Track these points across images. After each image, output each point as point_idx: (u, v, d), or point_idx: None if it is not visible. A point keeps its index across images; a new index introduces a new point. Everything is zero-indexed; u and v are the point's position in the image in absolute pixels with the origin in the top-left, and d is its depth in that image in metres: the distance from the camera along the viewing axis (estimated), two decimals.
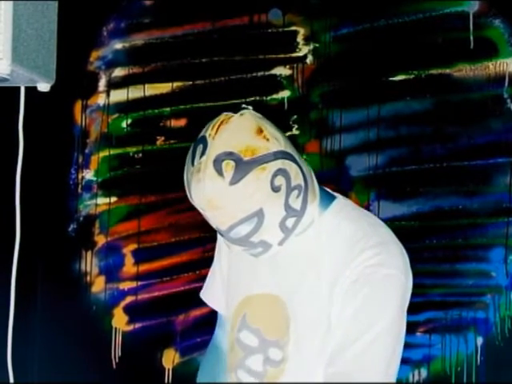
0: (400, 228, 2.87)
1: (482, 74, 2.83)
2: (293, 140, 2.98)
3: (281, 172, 1.53)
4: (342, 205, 1.70)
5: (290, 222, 1.58)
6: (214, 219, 1.56)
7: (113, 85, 3.11)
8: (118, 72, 3.11)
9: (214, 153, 1.51)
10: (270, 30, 2.99)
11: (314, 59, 2.96)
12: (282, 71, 2.98)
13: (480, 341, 2.82)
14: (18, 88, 2.32)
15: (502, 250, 2.81)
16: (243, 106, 1.61)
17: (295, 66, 2.97)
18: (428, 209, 2.87)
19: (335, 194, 1.73)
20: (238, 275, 1.78)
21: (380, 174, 2.90)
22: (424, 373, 2.86)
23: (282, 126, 3.03)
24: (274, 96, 2.98)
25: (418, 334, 2.87)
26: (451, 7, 2.85)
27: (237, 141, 1.52)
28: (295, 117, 2.96)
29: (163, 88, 3.07)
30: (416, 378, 2.86)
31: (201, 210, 1.57)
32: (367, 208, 2.89)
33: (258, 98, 2.97)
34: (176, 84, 3.06)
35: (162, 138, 3.07)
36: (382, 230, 1.70)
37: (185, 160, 1.60)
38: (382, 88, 2.90)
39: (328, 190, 1.72)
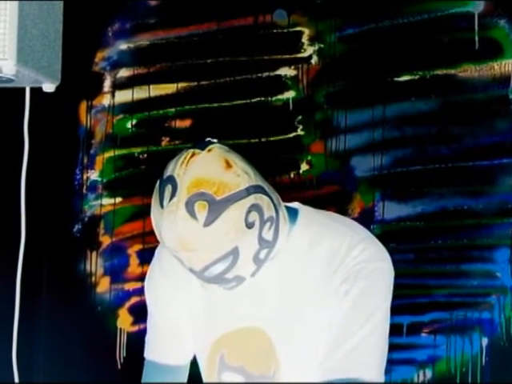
0: (405, 228, 2.87)
1: (487, 74, 2.82)
2: (298, 141, 3.00)
3: (254, 207, 1.49)
4: (307, 215, 1.66)
5: (262, 254, 1.55)
6: (188, 261, 1.52)
7: (118, 85, 3.11)
8: (123, 73, 3.11)
9: (186, 194, 1.45)
10: (274, 31, 2.99)
11: (318, 60, 2.96)
12: (286, 72, 2.98)
13: (485, 341, 2.82)
14: (24, 89, 2.32)
15: (507, 251, 2.80)
16: (208, 139, 1.54)
17: (300, 66, 2.97)
18: (433, 209, 2.86)
19: (293, 204, 1.68)
20: (207, 316, 1.70)
21: (385, 175, 2.90)
22: (429, 373, 2.86)
23: (287, 126, 3.05)
24: (279, 96, 2.98)
25: (423, 334, 2.86)
26: (456, 8, 2.85)
27: (207, 180, 1.46)
28: (300, 117, 2.96)
29: (168, 88, 3.08)
30: (421, 378, 2.86)
31: (172, 252, 1.53)
32: (372, 208, 2.89)
33: (262, 99, 2.97)
34: (181, 84, 3.06)
35: (167, 139, 3.08)
36: (357, 227, 1.66)
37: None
38: (386, 88, 2.90)
39: (288, 204, 1.67)
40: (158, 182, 1.56)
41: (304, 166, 2.95)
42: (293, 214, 1.64)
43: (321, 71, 2.96)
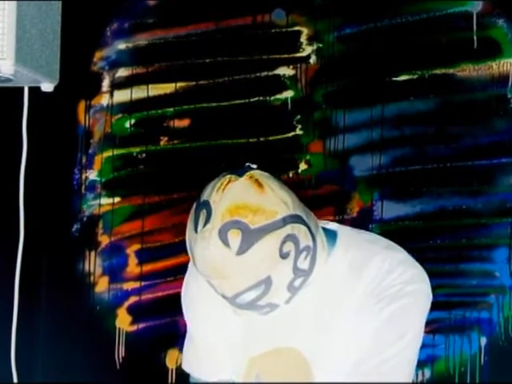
0: (404, 228, 2.87)
1: (485, 73, 2.82)
2: (296, 140, 3.00)
3: (290, 238, 1.46)
4: (346, 237, 1.64)
5: (297, 282, 1.52)
6: (220, 287, 1.50)
7: (116, 85, 3.11)
8: (122, 72, 3.11)
9: (220, 221, 1.43)
10: (273, 30, 2.99)
11: (317, 59, 2.96)
12: (285, 71, 2.98)
13: (484, 341, 2.82)
14: (22, 88, 2.33)
15: (505, 250, 2.80)
16: (247, 164, 1.52)
17: (299, 66, 2.97)
18: (432, 209, 2.86)
19: (332, 226, 1.66)
20: (243, 337, 1.68)
21: (384, 174, 2.90)
22: (428, 373, 2.86)
23: (286, 126, 3.05)
24: (278, 96, 2.98)
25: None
26: (455, 7, 2.85)
27: (243, 207, 1.43)
28: (299, 117, 2.96)
29: (167, 88, 3.07)
30: (420, 378, 2.86)
31: (205, 277, 1.52)
32: (371, 208, 2.89)
33: (261, 98, 2.97)
34: (179, 84, 3.06)
35: (166, 139, 3.07)
36: (395, 248, 1.64)
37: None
38: (385, 88, 2.90)
39: (326, 226, 1.66)
40: (194, 205, 1.52)
41: (303, 166, 2.95)
42: (332, 236, 1.62)
43: (319, 71, 2.96)
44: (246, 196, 1.45)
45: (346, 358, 1.57)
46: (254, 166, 1.53)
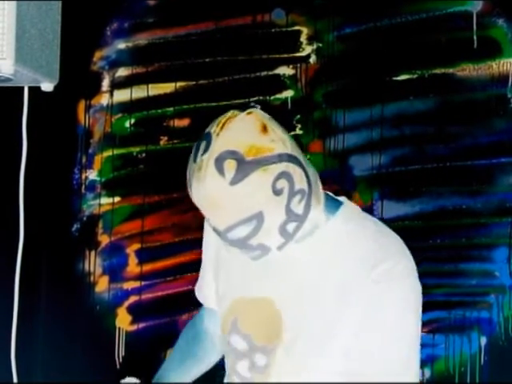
0: (403, 228, 2.87)
1: (485, 73, 2.82)
2: (296, 140, 2.99)
3: (284, 175, 1.50)
4: (351, 210, 1.66)
5: (290, 227, 1.54)
6: (213, 218, 1.54)
7: (116, 85, 3.11)
8: (122, 72, 3.11)
9: (217, 151, 1.48)
10: (273, 30, 2.99)
11: (317, 59, 2.96)
12: (285, 71, 2.98)
13: (484, 341, 2.82)
14: (22, 88, 2.32)
15: (505, 250, 2.80)
16: (252, 104, 1.59)
17: (298, 65, 2.97)
18: (431, 208, 2.86)
19: (340, 198, 1.69)
20: (229, 274, 1.74)
21: (383, 174, 2.90)
22: (428, 373, 2.86)
23: (286, 125, 3.03)
24: (278, 96, 2.98)
25: (422, 333, 2.86)
26: (454, 7, 2.85)
27: (241, 140, 1.49)
28: (298, 116, 2.96)
29: (166, 88, 3.07)
30: (420, 377, 2.86)
31: (200, 208, 1.55)
32: (370, 208, 2.89)
33: (261, 98, 2.97)
34: (179, 84, 3.06)
35: (166, 138, 3.08)
36: (393, 238, 1.66)
37: (188, 160, 1.58)
38: (385, 88, 2.90)
39: (333, 195, 1.69)
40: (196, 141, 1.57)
41: None
42: (336, 205, 1.65)
43: (319, 70, 2.96)
44: (245, 129, 1.51)
45: (324, 332, 1.58)
46: (258, 106, 1.58)
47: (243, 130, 1.51)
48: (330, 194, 1.69)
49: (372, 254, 1.57)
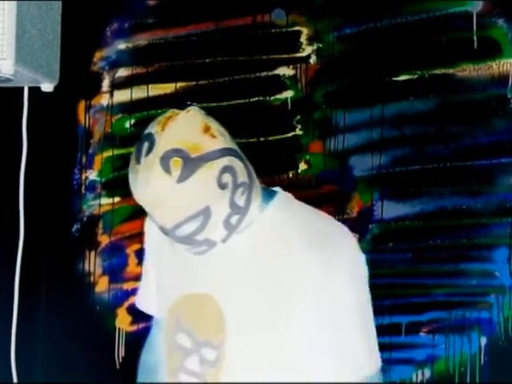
0: (404, 228, 2.87)
1: (485, 73, 2.82)
2: (296, 140, 3.00)
3: (228, 169, 1.54)
4: (284, 199, 1.69)
5: (234, 219, 1.57)
6: (160, 217, 1.56)
7: (116, 85, 3.11)
8: (122, 72, 3.11)
9: (162, 150, 1.51)
10: (273, 30, 2.99)
11: (317, 59, 2.96)
12: (285, 71, 2.98)
13: (484, 341, 2.82)
14: (22, 88, 2.32)
15: (505, 250, 2.80)
16: (189, 103, 1.62)
17: (299, 66, 2.97)
18: (432, 209, 2.86)
19: (275, 188, 1.72)
20: (171, 274, 1.75)
21: (383, 174, 2.90)
22: (427, 373, 2.86)
23: (286, 126, 3.05)
24: (278, 96, 2.98)
25: (422, 334, 2.86)
26: (455, 7, 2.85)
27: (184, 138, 1.52)
28: (299, 117, 2.96)
29: (167, 88, 3.08)
30: (420, 378, 2.86)
31: (146, 208, 1.57)
32: (371, 208, 2.89)
33: (261, 98, 2.97)
34: (179, 84, 3.06)
35: None
36: (327, 219, 1.69)
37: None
38: (385, 88, 2.90)
39: (265, 186, 1.71)
40: (136, 142, 1.61)
41: (302, 166, 2.95)
42: (270, 194, 1.67)
43: (319, 71, 2.96)
44: (186, 128, 1.54)
45: (269, 319, 1.60)
46: (194, 104, 1.63)
47: (185, 129, 1.54)
48: (263, 185, 1.70)
49: (309, 239, 1.59)
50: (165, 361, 1.77)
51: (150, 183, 1.52)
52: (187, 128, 1.54)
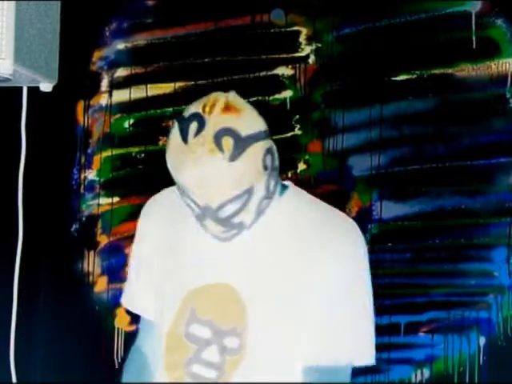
0: (402, 228, 2.87)
1: (484, 73, 2.82)
2: (295, 140, 3.00)
3: (269, 151, 1.59)
4: (297, 191, 1.73)
5: (264, 204, 1.61)
6: (207, 196, 1.56)
7: (115, 85, 3.11)
8: (121, 72, 3.11)
9: (213, 129, 1.53)
10: (272, 30, 2.99)
11: (316, 59, 2.96)
12: (284, 71, 2.98)
13: (482, 341, 2.82)
14: (21, 88, 2.32)
15: (504, 250, 2.80)
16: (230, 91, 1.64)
17: (297, 65, 2.97)
18: (431, 209, 2.86)
19: (286, 182, 1.75)
20: (177, 269, 1.75)
21: (382, 174, 2.90)
22: (426, 373, 2.86)
23: (285, 126, 3.05)
24: (277, 96, 2.98)
25: (421, 334, 2.86)
26: (453, 7, 2.84)
27: (234, 118, 1.56)
28: (297, 117, 2.96)
29: (165, 88, 3.07)
30: (419, 378, 2.86)
31: (191, 187, 1.56)
32: (370, 208, 2.89)
33: (260, 98, 2.97)
34: (178, 84, 3.06)
35: (165, 139, 3.07)
36: (339, 214, 1.73)
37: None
38: (384, 88, 2.90)
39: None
40: (175, 123, 1.62)
41: (301, 166, 2.95)
42: (283, 187, 1.71)
43: (318, 70, 2.96)
44: (235, 109, 1.60)
45: (287, 314, 1.62)
46: (233, 91, 1.68)
47: (232, 109, 1.59)
48: None
49: (321, 228, 1.63)
50: (164, 358, 1.76)
51: (201, 162, 1.52)
52: (235, 109, 1.60)
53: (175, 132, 1.60)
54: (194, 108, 1.61)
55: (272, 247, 1.64)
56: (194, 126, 1.56)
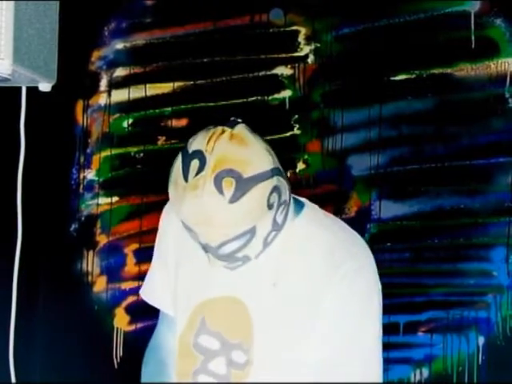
0: (401, 227, 2.87)
1: (483, 73, 2.82)
2: (294, 140, 3.00)
3: (275, 189, 1.53)
4: (313, 211, 1.70)
5: (271, 236, 1.58)
6: (206, 235, 1.54)
7: (114, 85, 3.11)
8: (120, 72, 3.11)
9: (214, 170, 1.48)
10: (271, 30, 2.99)
11: (315, 59, 2.96)
12: (283, 71, 2.98)
13: (481, 340, 2.82)
14: (20, 88, 2.32)
15: (503, 250, 2.80)
16: (233, 118, 1.58)
17: (297, 65, 2.97)
18: (430, 208, 2.86)
19: (301, 199, 1.72)
20: (192, 274, 1.74)
21: (381, 174, 2.90)
22: (425, 372, 2.86)
23: (284, 125, 3.05)
24: (276, 96, 2.98)
25: (420, 333, 2.86)
26: (452, 7, 2.85)
27: (236, 158, 1.50)
28: (296, 116, 2.96)
29: (164, 88, 3.07)
30: (418, 377, 2.86)
31: (191, 226, 1.54)
32: (369, 208, 2.89)
33: (259, 98, 2.97)
34: (177, 84, 3.06)
35: (163, 138, 3.07)
36: (356, 238, 1.70)
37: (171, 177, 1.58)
38: (383, 87, 2.90)
39: (295, 196, 1.71)
40: (180, 156, 1.58)
41: (300, 165, 2.95)
42: (299, 205, 1.69)
43: (317, 70, 2.96)
44: (238, 147, 1.51)
45: (294, 333, 1.61)
46: (240, 120, 1.61)
47: (236, 148, 1.51)
48: (293, 195, 1.70)
49: (334, 254, 1.60)
50: (176, 364, 1.76)
51: (201, 203, 1.48)
52: (237, 147, 1.52)
53: (178, 166, 1.57)
54: (196, 142, 1.56)
55: (280, 268, 1.62)
56: (195, 164, 1.51)
